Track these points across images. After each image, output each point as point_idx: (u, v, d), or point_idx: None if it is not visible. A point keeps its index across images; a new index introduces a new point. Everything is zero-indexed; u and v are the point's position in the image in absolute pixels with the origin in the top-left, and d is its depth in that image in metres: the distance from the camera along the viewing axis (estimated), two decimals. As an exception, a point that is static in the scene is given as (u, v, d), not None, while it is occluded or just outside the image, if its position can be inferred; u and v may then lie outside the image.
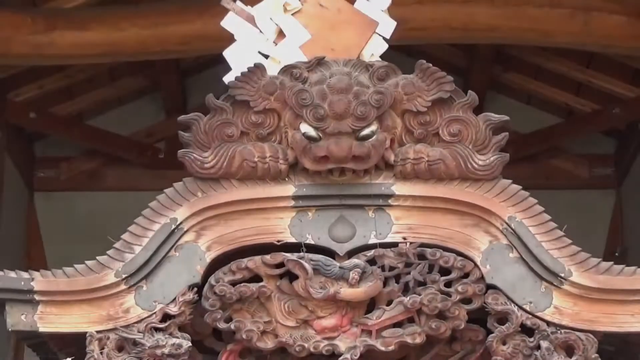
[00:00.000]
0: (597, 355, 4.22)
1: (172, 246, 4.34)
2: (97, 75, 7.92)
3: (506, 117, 4.41)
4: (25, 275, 4.36)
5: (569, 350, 4.23)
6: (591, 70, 7.64)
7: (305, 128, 4.26)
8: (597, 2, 6.50)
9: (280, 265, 4.29)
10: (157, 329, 4.26)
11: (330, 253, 4.31)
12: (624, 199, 8.33)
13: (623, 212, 8.32)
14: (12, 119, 7.69)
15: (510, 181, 4.37)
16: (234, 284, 4.26)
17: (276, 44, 4.58)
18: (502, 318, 4.26)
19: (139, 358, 4.22)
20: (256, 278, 4.29)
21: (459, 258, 4.29)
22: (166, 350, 4.23)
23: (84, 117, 8.35)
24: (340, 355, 4.26)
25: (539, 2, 6.49)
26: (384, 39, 4.56)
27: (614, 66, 7.55)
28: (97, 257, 4.36)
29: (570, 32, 6.61)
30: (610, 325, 4.28)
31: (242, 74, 4.41)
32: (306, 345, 4.26)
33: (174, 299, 4.28)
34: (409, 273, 4.28)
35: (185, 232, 4.36)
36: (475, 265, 4.29)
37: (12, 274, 4.39)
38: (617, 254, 7.23)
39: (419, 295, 4.25)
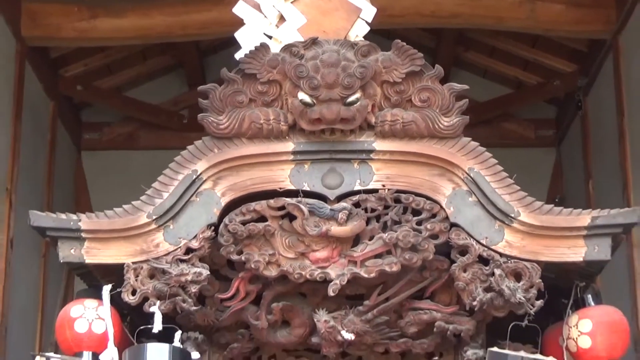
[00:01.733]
0: (540, 280, 4.22)
1: (194, 193, 4.34)
2: (131, 55, 7.90)
3: (466, 87, 4.41)
4: (74, 217, 4.38)
5: (517, 276, 4.23)
6: (536, 49, 7.63)
7: (302, 96, 4.26)
8: (541, -7, 6.56)
9: (282, 208, 4.29)
10: (181, 260, 4.26)
11: (322, 198, 4.30)
12: (563, 156, 8.33)
13: (562, 166, 8.32)
14: (62, 91, 7.67)
15: (469, 139, 4.35)
16: (244, 223, 4.26)
17: (278, 27, 4.57)
18: (463, 250, 4.26)
19: (166, 284, 4.22)
20: (262, 218, 4.28)
21: (428, 202, 4.28)
22: (189, 278, 4.23)
23: (121, 89, 8.33)
24: (331, 281, 4.26)
25: (494, -7, 6.56)
26: (367, 22, 4.55)
27: (555, 46, 7.54)
28: (132, 202, 4.37)
29: (519, 18, 6.62)
30: (550, 256, 4.28)
31: (250, 51, 4.40)
32: (303, 273, 4.27)
33: (195, 235, 4.28)
34: (387, 214, 4.28)
35: (204, 181, 4.35)
36: (441, 207, 4.28)
37: (64, 216, 4.40)
38: (556, 200, 7.23)
39: (395, 232, 4.25)
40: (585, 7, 6.62)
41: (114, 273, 4.34)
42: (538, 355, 4.32)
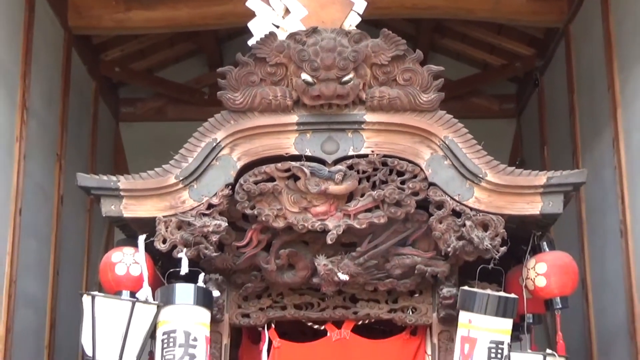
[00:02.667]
0: (503, 230, 4.23)
1: (214, 157, 4.34)
2: (160, 42, 7.86)
3: (442, 68, 4.40)
4: (113, 178, 4.38)
5: (485, 227, 4.24)
6: (500, 36, 7.58)
7: (304, 76, 4.26)
8: (505, -11, 6.54)
9: (288, 170, 4.28)
10: (204, 214, 4.27)
11: (322, 162, 4.30)
12: (522, 126, 8.32)
13: (521, 135, 8.31)
14: (103, 72, 7.64)
15: (444, 112, 4.36)
16: (256, 183, 4.26)
17: (284, 18, 4.54)
18: (439, 205, 4.26)
19: (191, 234, 4.23)
20: (271, 179, 4.28)
21: (410, 164, 4.28)
22: (210, 229, 4.24)
23: (152, 70, 8.29)
24: (329, 231, 4.27)
25: (464, -10, 6.54)
26: (358, 14, 4.52)
27: (516, 33, 7.50)
28: (163, 166, 4.37)
29: (486, 9, 6.58)
30: (512, 210, 4.29)
31: (261, 39, 4.39)
32: (306, 224, 4.27)
33: (216, 193, 4.29)
34: (375, 175, 4.28)
35: (223, 148, 4.35)
36: (421, 169, 4.28)
37: (105, 178, 4.40)
38: (517, 163, 7.22)
39: (383, 190, 4.25)
40: (542, 1, 6.59)
41: (148, 225, 4.34)
42: (502, 293, 4.33)
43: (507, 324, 4.27)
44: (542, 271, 4.38)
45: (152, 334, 4.22)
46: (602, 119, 5.97)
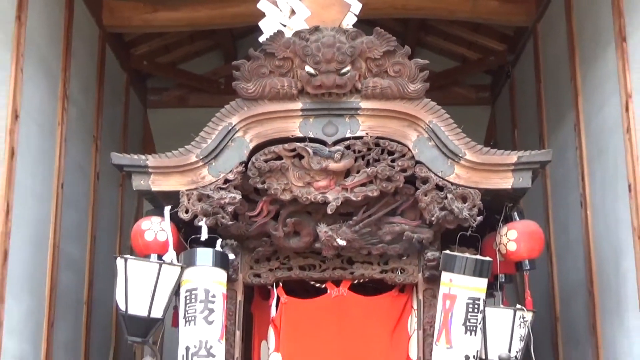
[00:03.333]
0: (480, 202, 4.23)
1: (229, 139, 4.34)
2: (182, 38, 7.81)
3: (427, 62, 4.40)
4: (143, 157, 4.39)
5: (464, 199, 4.25)
6: (477, 34, 7.53)
7: (307, 68, 4.26)
8: (481, -7, 6.52)
9: (294, 150, 4.28)
10: (221, 188, 4.27)
11: (323, 142, 4.30)
12: (496, 112, 8.28)
13: (495, 120, 8.28)
14: (133, 65, 7.60)
15: (429, 100, 4.36)
16: (266, 161, 4.27)
17: (290, 18, 4.52)
18: (425, 180, 4.26)
19: (210, 205, 4.23)
20: (279, 158, 4.28)
21: (399, 145, 4.28)
22: (227, 201, 4.24)
23: (175, 63, 8.23)
24: (329, 202, 4.27)
25: (447, -7, 6.53)
26: (355, 15, 4.50)
27: (491, 31, 7.45)
28: (185, 146, 4.37)
29: (465, 10, 6.54)
30: (488, 184, 4.29)
31: (270, 36, 4.38)
32: (309, 197, 4.28)
33: (231, 170, 4.29)
34: (369, 154, 4.28)
35: (237, 131, 4.34)
36: (409, 149, 4.28)
37: (135, 157, 4.41)
38: (491, 144, 7.17)
39: (376, 167, 4.26)
40: (513, 3, 6.56)
41: (172, 197, 4.35)
42: (478, 256, 4.34)
43: (483, 283, 4.29)
44: (513, 237, 4.40)
45: (176, 292, 4.24)
46: (565, 106, 5.95)
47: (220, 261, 4.24)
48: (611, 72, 5.07)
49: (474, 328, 4.25)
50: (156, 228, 4.35)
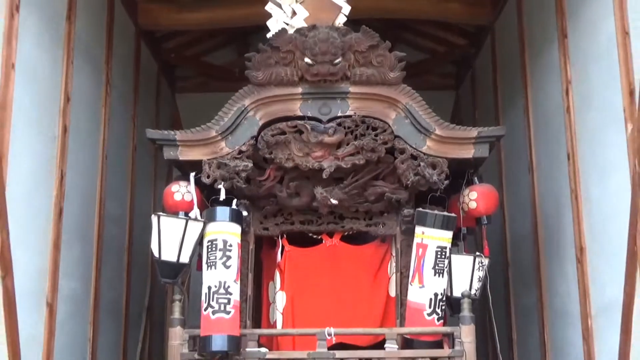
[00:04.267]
0: (447, 169, 4.22)
1: (243, 118, 4.31)
2: (203, 35, 7.72)
3: (404, 54, 4.36)
4: (172, 132, 4.37)
5: (434, 166, 4.23)
6: (444, 30, 7.41)
7: (306, 59, 4.22)
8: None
9: (295, 126, 4.26)
10: (235, 158, 4.25)
11: (319, 120, 4.27)
12: (460, 96, 8.21)
13: (459, 102, 8.22)
14: (163, 57, 7.53)
15: (405, 85, 4.33)
16: (272, 135, 4.25)
17: (292, 18, 4.47)
18: (402, 151, 4.25)
19: (227, 172, 4.22)
20: (283, 133, 4.26)
21: (381, 122, 4.26)
22: (240, 168, 4.23)
23: (198, 56, 8.14)
24: (324, 169, 4.25)
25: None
26: (345, 15, 4.46)
27: (456, 28, 7.34)
28: (207, 124, 4.34)
29: (435, 12, 6.45)
30: (453, 155, 4.28)
31: (276, 33, 4.35)
32: (308, 164, 4.26)
33: (244, 143, 4.27)
34: (357, 130, 4.26)
35: (249, 111, 4.31)
36: (389, 126, 4.26)
37: (166, 132, 4.39)
38: (456, 122, 7.15)
39: (362, 140, 4.24)
40: (474, 5, 6.49)
41: (196, 165, 4.32)
42: (445, 213, 4.33)
43: (449, 234, 4.30)
44: (473, 197, 4.40)
45: (200, 242, 4.22)
46: (516, 91, 5.93)
47: (236, 217, 4.23)
48: (554, 63, 5.06)
49: (442, 271, 4.26)
50: (183, 190, 4.33)
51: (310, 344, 4.19)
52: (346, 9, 4.46)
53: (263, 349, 4.20)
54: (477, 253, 4.39)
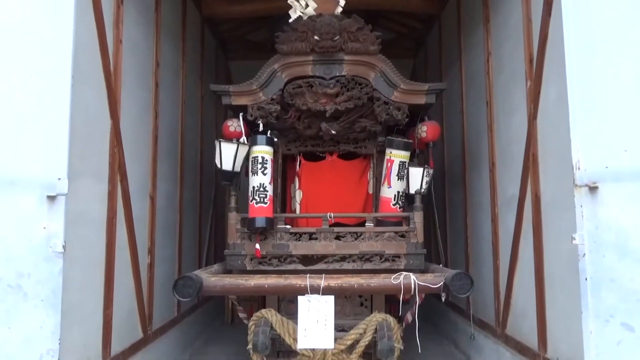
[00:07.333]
0: (407, 111, 4.16)
1: (273, 76, 4.21)
2: (246, 21, 7.44)
3: (380, 34, 4.23)
4: (227, 86, 4.28)
5: (399, 109, 4.17)
6: (406, 17, 7.13)
7: (315, 37, 4.11)
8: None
9: (308, 82, 4.16)
10: (269, 103, 4.18)
11: (324, 78, 4.17)
12: (416, 63, 8.02)
13: (415, 67, 8.03)
14: (220, 37, 7.29)
15: (382, 55, 4.21)
16: (293, 88, 4.17)
17: (305, 9, 4.32)
18: (378, 99, 4.18)
19: (263, 113, 4.16)
20: (300, 87, 4.17)
21: (365, 80, 4.17)
22: (272, 109, 4.18)
23: (244, 35, 7.80)
24: (327, 110, 4.17)
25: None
26: (341, 6, 4.31)
27: (415, 16, 7.07)
28: (250, 80, 4.24)
29: (400, 4, 6.27)
30: (411, 101, 4.19)
31: (295, 19, 4.23)
32: (317, 108, 4.16)
33: (274, 93, 4.19)
34: (349, 85, 4.17)
35: (277, 72, 4.20)
36: (370, 82, 4.17)
37: (223, 86, 4.29)
38: (413, 80, 7.01)
39: (352, 92, 4.16)
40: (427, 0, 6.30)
41: (243, 108, 4.26)
42: (406, 139, 4.32)
43: (408, 153, 4.29)
44: (424, 129, 4.36)
45: (246, 158, 4.22)
46: (454, 59, 5.80)
47: (270, 142, 4.20)
48: (480, 39, 4.92)
49: (403, 177, 4.28)
50: (235, 125, 4.29)
51: (317, 223, 4.27)
52: (342, 2, 4.32)
53: (287, 226, 4.28)
54: (426, 165, 4.39)
